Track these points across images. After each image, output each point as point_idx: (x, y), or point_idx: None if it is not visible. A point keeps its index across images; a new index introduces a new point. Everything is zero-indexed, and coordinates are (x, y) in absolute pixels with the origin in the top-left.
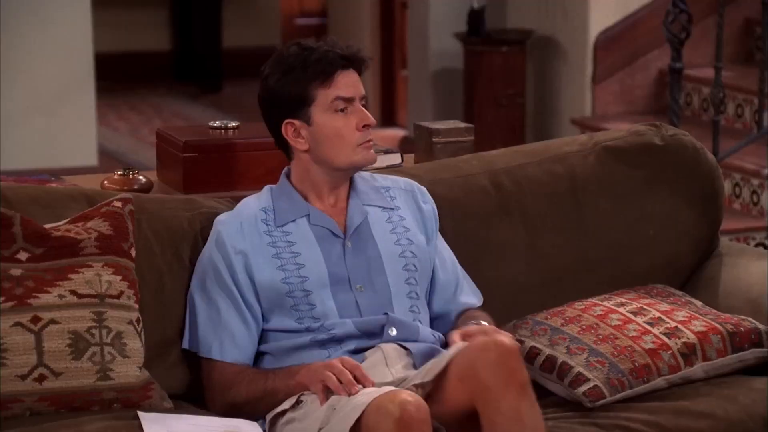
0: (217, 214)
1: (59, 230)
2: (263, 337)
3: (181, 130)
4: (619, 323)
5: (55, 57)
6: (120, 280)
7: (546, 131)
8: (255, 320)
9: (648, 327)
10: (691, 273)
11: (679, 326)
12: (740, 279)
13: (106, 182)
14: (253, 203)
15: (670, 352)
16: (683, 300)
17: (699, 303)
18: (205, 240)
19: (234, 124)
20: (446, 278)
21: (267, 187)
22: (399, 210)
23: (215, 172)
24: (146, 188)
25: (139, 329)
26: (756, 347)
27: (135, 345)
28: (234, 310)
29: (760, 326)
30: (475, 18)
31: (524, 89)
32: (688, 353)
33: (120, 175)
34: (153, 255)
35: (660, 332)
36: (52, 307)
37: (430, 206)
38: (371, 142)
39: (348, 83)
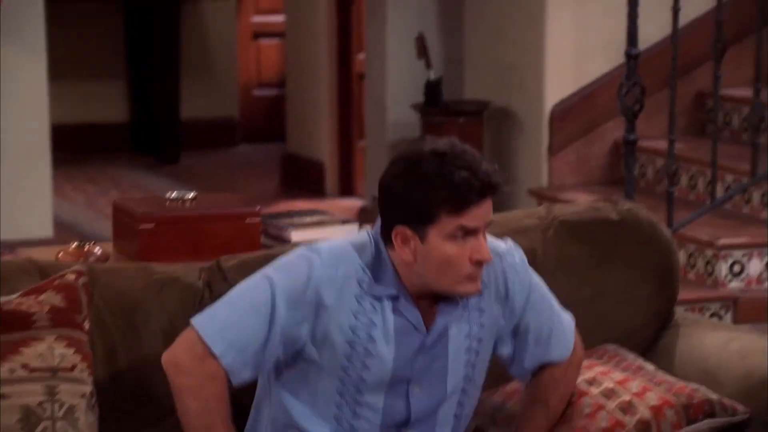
0: (174, 277)
1: (11, 304)
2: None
3: (137, 201)
4: (575, 397)
5: (10, 128)
6: (73, 353)
7: (503, 201)
8: (267, 361)
9: (603, 400)
10: (648, 345)
11: (634, 399)
12: (695, 349)
13: (61, 254)
14: (354, 254)
15: (626, 430)
16: (635, 365)
17: (651, 368)
18: (163, 308)
19: (191, 195)
20: (537, 337)
21: (366, 238)
22: (483, 314)
23: (172, 244)
24: (102, 260)
25: (92, 403)
26: (710, 417)
27: (88, 419)
28: (264, 334)
29: (713, 396)
30: (432, 89)
31: None
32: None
33: (76, 246)
34: (106, 326)
35: (615, 406)
36: (3, 381)
37: (517, 283)
38: (480, 274)
39: (478, 215)
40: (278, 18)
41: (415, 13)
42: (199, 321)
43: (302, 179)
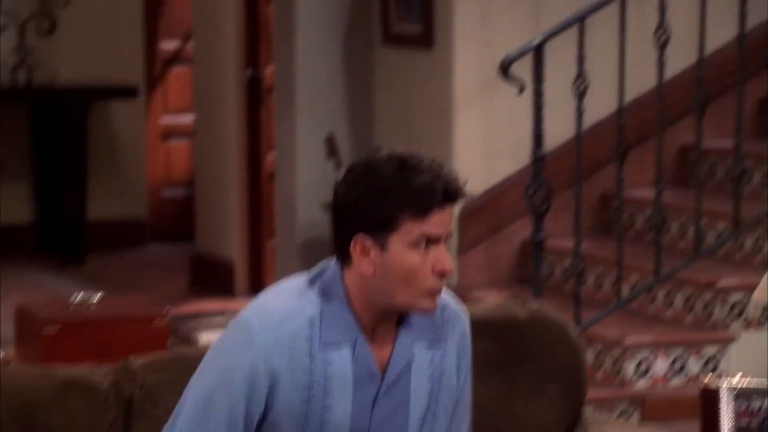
0: (77, 379)
1: None
2: None
3: (42, 304)
4: None
5: None
6: None
7: None
8: None
9: None
10: None
11: None
12: None
13: None
14: (299, 311)
15: None
16: None
17: None
18: (66, 411)
19: (97, 298)
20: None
21: (305, 284)
22: (447, 352)
23: (77, 348)
24: (4, 365)
25: None
26: None
27: None
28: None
29: None
30: None
31: None
32: None
33: None
34: (6, 431)
35: None
36: None
37: (467, 353)
38: (441, 293)
39: (441, 221)
40: (188, 118)
41: (325, 112)
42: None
43: (212, 279)
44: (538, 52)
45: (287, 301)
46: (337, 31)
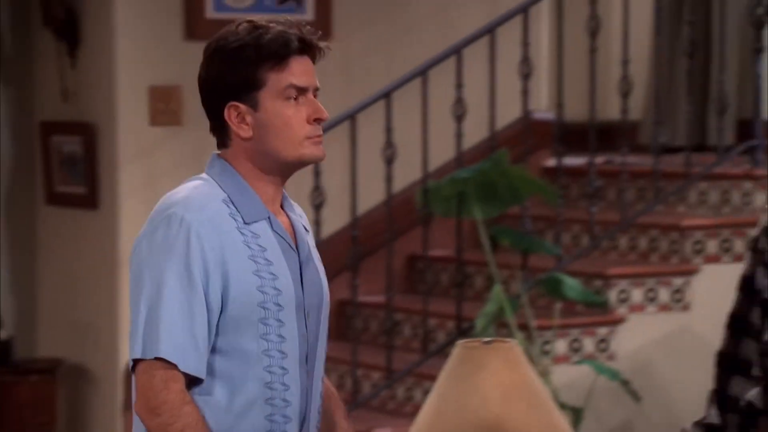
0: None
1: None
2: None
3: None
4: None
5: None
6: None
7: None
8: (211, 329)
9: None
10: None
11: None
12: None
13: None
14: (212, 195)
15: None
16: None
17: None
18: None
19: None
20: None
21: (205, 177)
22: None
23: None
24: None
25: None
26: None
27: None
28: (202, 311)
29: None
30: (2, 349)
31: (56, 418)
32: None
33: None
34: None
35: None
36: None
37: None
38: (321, 137)
39: (303, 71)
40: None
41: None
42: (139, 352)
43: None
44: None
45: (196, 191)
46: None
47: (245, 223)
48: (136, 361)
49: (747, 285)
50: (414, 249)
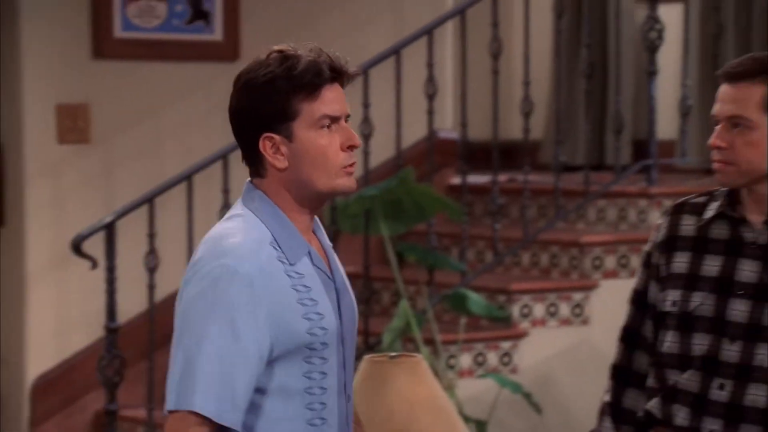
0: None
1: None
2: None
3: None
4: None
5: None
6: None
7: None
8: (254, 381)
9: None
10: None
11: None
12: None
13: None
14: (259, 238)
15: None
16: None
17: None
18: None
19: None
20: None
21: (245, 213)
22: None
23: None
24: None
25: None
26: None
27: None
28: (244, 364)
29: None
30: None
31: None
32: None
33: None
34: None
35: None
36: None
37: None
38: (354, 166)
39: (335, 99)
40: None
41: None
42: (173, 403)
43: None
44: (109, 229)
45: (243, 234)
46: None
47: (291, 264)
48: (170, 411)
49: (639, 299)
50: None
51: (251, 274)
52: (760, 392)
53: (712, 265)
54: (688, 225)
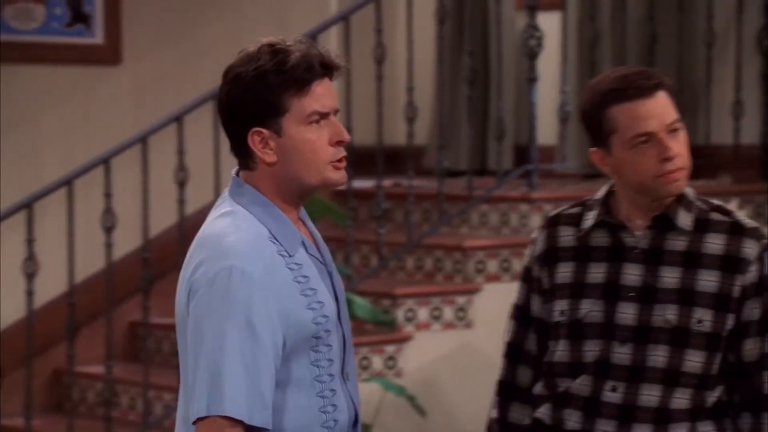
0: None
1: None
2: None
3: None
4: None
5: None
6: None
7: None
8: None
9: None
10: None
11: None
12: None
13: None
14: (257, 233)
15: None
16: None
17: None
18: None
19: None
20: None
21: (236, 210)
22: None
23: None
24: None
25: None
26: None
27: None
28: (266, 363)
29: None
30: None
31: None
32: None
33: None
34: None
35: None
36: None
37: None
38: (344, 161)
39: (324, 94)
40: None
41: None
42: (204, 410)
43: None
44: None
45: (241, 231)
46: None
47: (290, 256)
48: (199, 419)
49: (521, 313)
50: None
51: (258, 272)
52: (653, 392)
53: (597, 272)
54: (567, 236)
